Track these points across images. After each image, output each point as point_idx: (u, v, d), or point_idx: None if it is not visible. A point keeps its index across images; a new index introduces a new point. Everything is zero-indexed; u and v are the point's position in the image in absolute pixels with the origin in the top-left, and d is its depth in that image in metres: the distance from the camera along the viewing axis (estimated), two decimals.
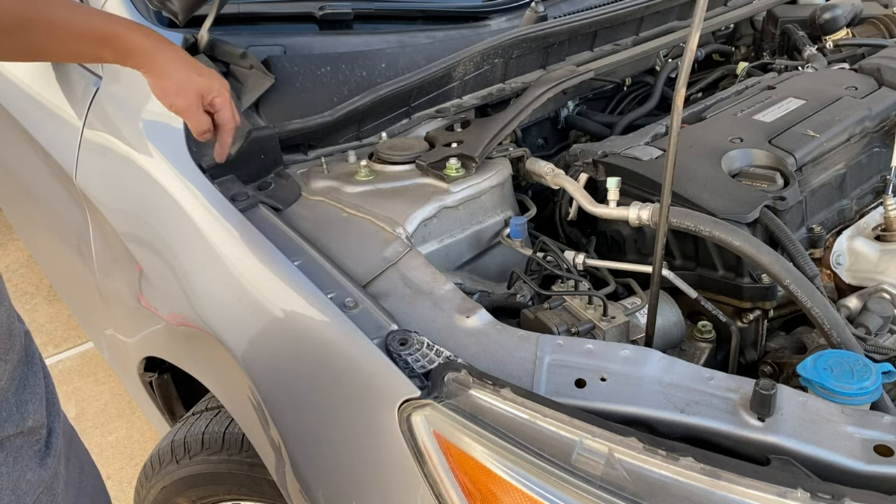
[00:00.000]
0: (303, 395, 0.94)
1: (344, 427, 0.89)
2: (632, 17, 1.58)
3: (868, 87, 1.35)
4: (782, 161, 1.12)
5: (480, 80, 1.37)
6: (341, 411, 0.89)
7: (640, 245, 1.16)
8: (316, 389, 0.92)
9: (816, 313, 0.88)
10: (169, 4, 1.18)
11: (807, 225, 1.14)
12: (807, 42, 1.67)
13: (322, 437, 0.91)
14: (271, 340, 0.97)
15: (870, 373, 0.76)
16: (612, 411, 0.75)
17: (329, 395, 0.90)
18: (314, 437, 0.92)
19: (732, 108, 1.33)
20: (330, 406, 0.91)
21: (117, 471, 2.15)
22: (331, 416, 0.90)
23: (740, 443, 0.71)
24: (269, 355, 0.98)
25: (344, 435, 0.89)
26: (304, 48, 1.35)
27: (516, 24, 1.57)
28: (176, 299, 1.13)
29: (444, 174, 1.11)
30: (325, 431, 0.91)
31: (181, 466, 1.28)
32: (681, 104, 0.77)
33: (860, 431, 0.71)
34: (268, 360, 0.98)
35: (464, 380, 0.77)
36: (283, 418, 0.95)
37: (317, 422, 0.92)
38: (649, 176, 1.10)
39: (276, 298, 0.96)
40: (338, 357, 0.89)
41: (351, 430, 0.88)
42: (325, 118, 1.19)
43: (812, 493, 0.63)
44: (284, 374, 0.96)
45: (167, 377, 1.47)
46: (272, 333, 0.97)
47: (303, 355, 0.94)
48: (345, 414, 0.88)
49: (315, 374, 0.92)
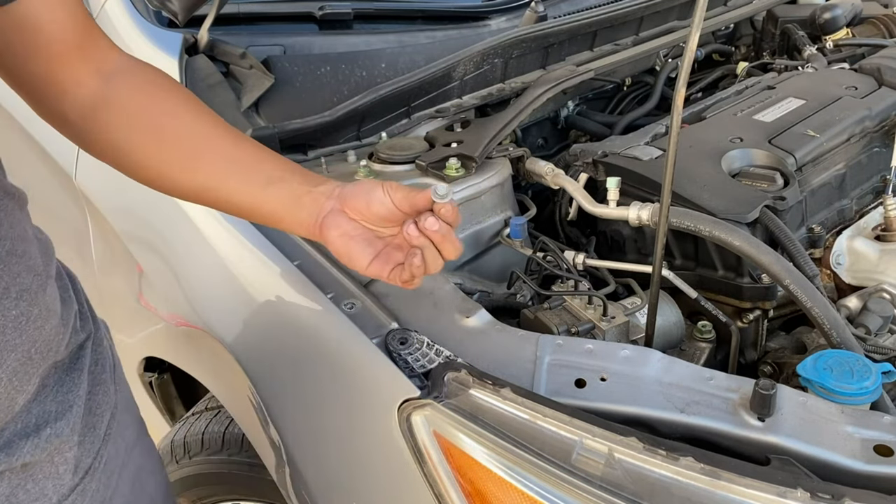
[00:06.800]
0: (302, 395, 0.94)
1: (344, 427, 0.89)
2: (632, 16, 1.58)
3: (868, 86, 1.35)
4: (782, 161, 1.12)
5: (480, 80, 1.37)
6: (341, 411, 0.89)
7: (640, 245, 1.16)
8: (316, 389, 0.92)
9: (816, 313, 0.88)
10: (168, 4, 1.18)
11: (807, 225, 1.14)
12: (807, 42, 1.67)
13: (322, 437, 0.91)
14: (271, 340, 0.97)
15: (870, 373, 0.76)
16: (612, 411, 0.75)
17: (329, 395, 0.90)
18: (314, 437, 0.92)
19: (732, 108, 1.32)
20: (330, 406, 0.91)
21: None
22: (330, 416, 0.90)
23: (740, 443, 0.71)
24: (269, 355, 0.98)
25: (344, 435, 0.89)
26: (304, 48, 1.35)
27: (516, 23, 1.57)
28: (176, 299, 1.13)
29: (444, 174, 1.11)
30: (324, 431, 0.91)
31: (181, 466, 1.28)
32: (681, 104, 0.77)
33: (860, 431, 0.70)
34: (267, 360, 0.98)
35: (464, 380, 0.77)
36: (282, 418, 0.95)
37: (316, 422, 0.92)
38: (649, 176, 1.10)
39: (275, 298, 0.96)
40: (337, 357, 0.89)
41: (350, 430, 0.88)
42: (324, 118, 1.19)
43: (812, 493, 0.63)
44: (284, 374, 0.96)
45: (167, 377, 1.47)
46: (272, 333, 0.97)
47: (302, 355, 0.94)
48: (344, 414, 0.88)
49: (315, 373, 0.92)
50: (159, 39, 1.25)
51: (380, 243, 0.77)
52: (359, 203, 0.75)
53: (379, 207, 0.74)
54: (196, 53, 1.24)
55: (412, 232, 0.73)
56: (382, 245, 0.77)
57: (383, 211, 0.74)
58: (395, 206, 0.74)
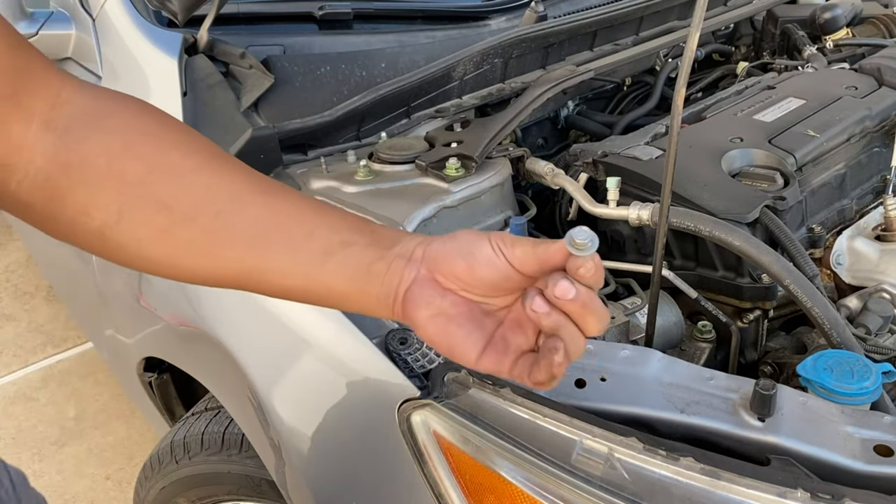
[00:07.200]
0: (302, 396, 0.94)
1: (343, 427, 0.89)
2: (632, 16, 1.58)
3: (868, 86, 1.34)
4: (782, 161, 1.12)
5: (480, 80, 1.37)
6: (340, 411, 0.89)
7: (640, 245, 1.16)
8: (315, 389, 0.92)
9: (816, 313, 0.88)
10: (168, 4, 1.18)
11: (807, 225, 1.13)
12: (807, 42, 1.67)
13: (321, 438, 0.91)
14: (270, 341, 0.97)
15: (870, 373, 0.76)
16: (612, 411, 0.75)
17: (328, 395, 0.90)
18: (314, 438, 0.92)
19: (732, 108, 1.32)
20: (329, 406, 0.90)
21: (116, 471, 2.15)
22: (330, 416, 0.90)
23: (740, 443, 0.71)
24: (269, 356, 0.98)
25: (343, 435, 0.89)
26: (304, 48, 1.35)
27: (516, 23, 1.57)
28: (176, 299, 1.13)
29: (444, 174, 1.11)
30: (324, 431, 0.91)
31: (181, 467, 1.28)
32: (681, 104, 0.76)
33: (860, 431, 0.70)
34: (267, 360, 0.98)
35: (463, 380, 0.77)
36: (282, 419, 0.95)
37: (316, 422, 0.92)
38: (649, 176, 1.10)
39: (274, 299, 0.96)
40: (337, 357, 0.89)
41: (350, 430, 0.88)
42: (324, 118, 1.19)
43: (812, 494, 0.63)
44: (284, 374, 0.96)
45: (166, 377, 1.47)
46: (271, 334, 0.97)
47: (302, 355, 0.94)
48: (344, 414, 0.88)
49: (314, 373, 0.92)
50: (159, 39, 1.25)
51: (490, 322, 0.56)
52: (456, 266, 0.54)
53: (488, 271, 0.54)
54: (196, 53, 1.24)
55: (541, 308, 0.52)
56: (494, 324, 0.56)
57: (494, 276, 0.54)
58: (514, 268, 0.53)
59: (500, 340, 0.56)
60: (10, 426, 2.33)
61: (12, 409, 2.40)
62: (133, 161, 0.54)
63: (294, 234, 0.57)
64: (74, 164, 0.53)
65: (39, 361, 2.59)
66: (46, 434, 2.29)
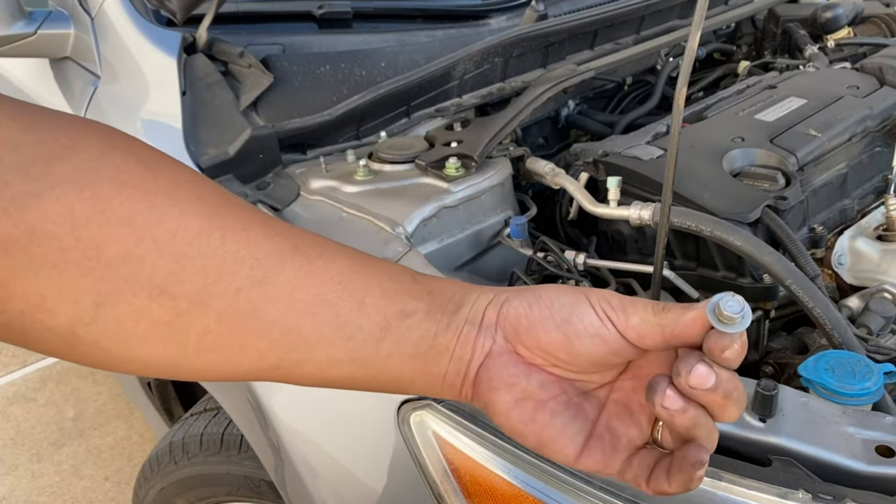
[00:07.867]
0: (301, 396, 0.93)
1: (343, 428, 0.88)
2: (632, 15, 1.58)
3: (870, 86, 1.34)
4: (784, 161, 1.12)
5: (480, 79, 1.37)
6: (340, 412, 0.88)
7: (641, 245, 1.16)
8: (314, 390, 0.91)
9: (818, 313, 0.88)
10: (167, 3, 1.18)
11: (808, 225, 1.13)
12: (808, 41, 1.67)
13: (321, 438, 0.91)
14: None
15: (871, 373, 0.76)
16: None
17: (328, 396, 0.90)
18: (313, 438, 0.92)
19: (733, 108, 1.32)
20: (328, 406, 0.90)
21: (115, 472, 2.14)
22: (329, 417, 0.90)
23: (742, 443, 0.71)
24: None
25: (342, 436, 0.88)
26: (303, 47, 1.35)
27: (516, 22, 1.57)
28: None
29: (444, 174, 1.11)
30: (323, 432, 0.91)
31: (179, 467, 1.28)
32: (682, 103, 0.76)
33: (862, 432, 0.70)
34: None
35: None
36: (281, 419, 0.95)
37: (315, 422, 0.91)
38: (650, 175, 1.10)
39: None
40: None
41: (350, 431, 0.88)
42: (324, 117, 1.19)
43: (813, 494, 0.63)
44: None
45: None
46: None
47: None
48: (343, 414, 0.88)
49: None
50: (158, 38, 1.25)
51: (590, 407, 0.44)
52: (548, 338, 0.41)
53: (592, 345, 0.41)
54: (195, 52, 1.23)
55: (674, 405, 0.39)
56: (595, 410, 0.44)
57: (600, 351, 0.41)
58: (628, 341, 0.41)
59: (605, 432, 0.44)
60: (8, 427, 2.33)
61: (11, 410, 2.39)
62: (110, 227, 0.36)
63: (341, 308, 0.42)
64: (18, 242, 0.35)
65: (38, 362, 2.59)
66: (45, 435, 2.29)
